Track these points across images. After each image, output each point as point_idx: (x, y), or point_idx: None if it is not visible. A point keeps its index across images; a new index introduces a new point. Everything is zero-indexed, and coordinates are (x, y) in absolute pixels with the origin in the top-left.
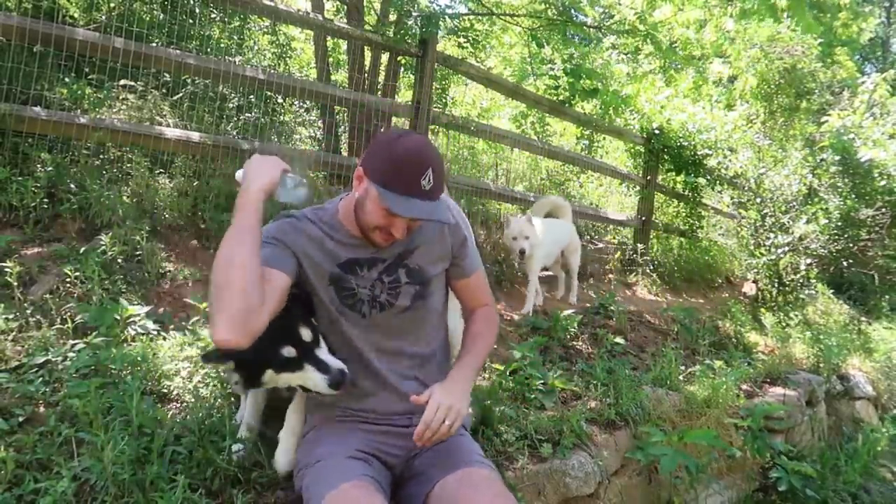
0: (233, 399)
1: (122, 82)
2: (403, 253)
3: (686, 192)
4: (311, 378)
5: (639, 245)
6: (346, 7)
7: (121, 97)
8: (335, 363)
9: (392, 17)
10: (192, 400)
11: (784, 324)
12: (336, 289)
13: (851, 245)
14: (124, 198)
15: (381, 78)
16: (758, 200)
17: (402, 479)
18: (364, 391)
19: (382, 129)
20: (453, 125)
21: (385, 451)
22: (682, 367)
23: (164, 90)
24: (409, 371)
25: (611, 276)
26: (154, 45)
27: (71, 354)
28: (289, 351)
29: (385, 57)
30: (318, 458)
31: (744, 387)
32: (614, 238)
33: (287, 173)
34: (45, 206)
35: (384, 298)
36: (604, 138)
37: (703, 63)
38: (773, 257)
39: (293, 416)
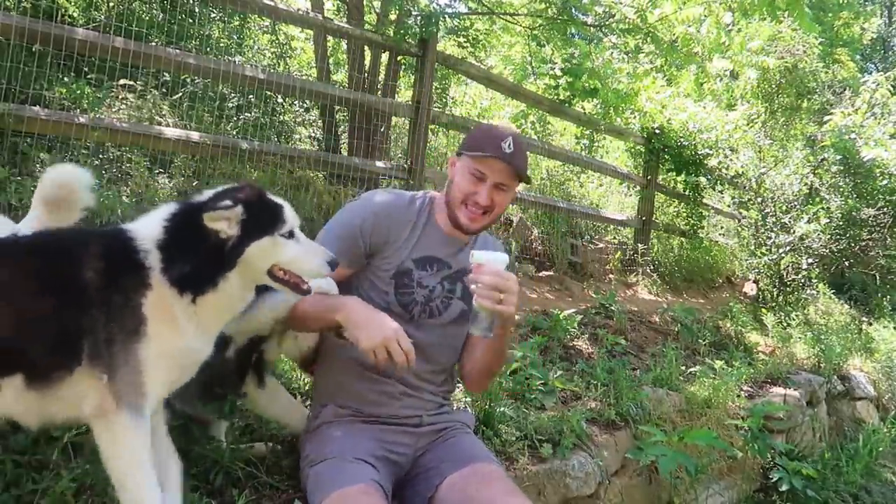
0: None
1: (122, 82)
2: (465, 269)
3: (686, 192)
4: None
5: (639, 245)
6: (346, 6)
7: (120, 97)
8: None
9: (392, 17)
10: None
11: (785, 324)
12: (397, 283)
13: (853, 245)
14: (124, 197)
15: (381, 77)
16: (759, 200)
17: (409, 477)
18: (389, 395)
19: (383, 129)
20: (453, 125)
21: (394, 451)
22: (683, 368)
23: (163, 90)
24: (430, 383)
25: (611, 276)
26: (153, 44)
27: None
28: None
29: (385, 56)
30: (325, 456)
31: (744, 387)
32: (614, 238)
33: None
34: None
35: (436, 305)
36: (604, 138)
37: (703, 60)
38: (774, 257)
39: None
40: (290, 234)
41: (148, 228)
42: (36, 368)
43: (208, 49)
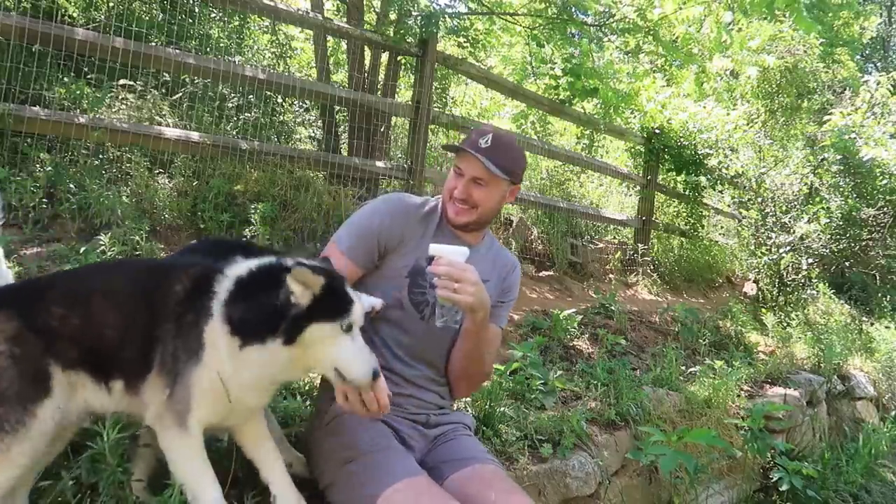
0: None
1: (122, 82)
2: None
3: (686, 192)
4: None
5: (639, 245)
6: (345, 6)
7: (120, 97)
8: None
9: (392, 17)
10: None
11: (785, 324)
12: (411, 282)
13: (853, 245)
14: (123, 198)
15: (381, 77)
16: (759, 200)
17: None
18: (397, 395)
19: (383, 129)
20: (453, 125)
21: (409, 446)
22: (683, 368)
23: (163, 90)
24: (436, 384)
25: (611, 276)
26: (153, 44)
27: None
28: None
29: (385, 56)
30: (366, 450)
31: (744, 387)
32: (614, 238)
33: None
34: (45, 206)
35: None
36: (604, 138)
37: (704, 60)
38: (774, 257)
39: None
40: (349, 329)
41: (238, 268)
42: (127, 373)
43: (208, 49)
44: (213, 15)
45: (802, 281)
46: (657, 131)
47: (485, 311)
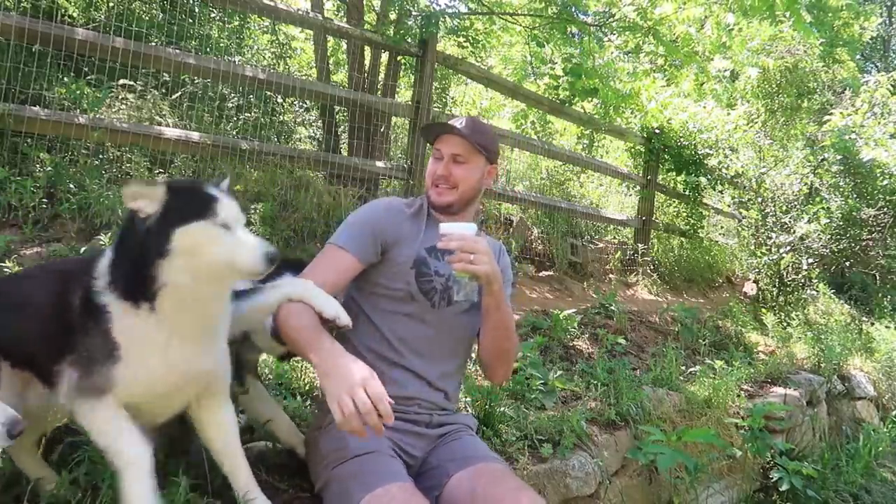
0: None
1: (122, 82)
2: None
3: (686, 192)
4: None
5: (639, 245)
6: (345, 6)
7: (120, 97)
8: None
9: (392, 17)
10: None
11: (785, 324)
12: (417, 272)
13: (853, 245)
14: None
15: (381, 77)
16: (759, 200)
17: (416, 477)
18: (399, 383)
19: (383, 129)
20: None
21: (407, 452)
22: (683, 368)
23: (163, 90)
24: (443, 379)
25: (611, 276)
26: (153, 44)
27: None
28: None
29: (385, 56)
30: (351, 453)
31: (744, 387)
32: (614, 238)
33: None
34: (45, 206)
35: (452, 293)
36: (604, 137)
37: (704, 60)
38: (775, 257)
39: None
40: (226, 227)
41: (105, 256)
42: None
43: (208, 49)
44: (213, 15)
45: (802, 281)
46: (657, 131)
47: (499, 283)
